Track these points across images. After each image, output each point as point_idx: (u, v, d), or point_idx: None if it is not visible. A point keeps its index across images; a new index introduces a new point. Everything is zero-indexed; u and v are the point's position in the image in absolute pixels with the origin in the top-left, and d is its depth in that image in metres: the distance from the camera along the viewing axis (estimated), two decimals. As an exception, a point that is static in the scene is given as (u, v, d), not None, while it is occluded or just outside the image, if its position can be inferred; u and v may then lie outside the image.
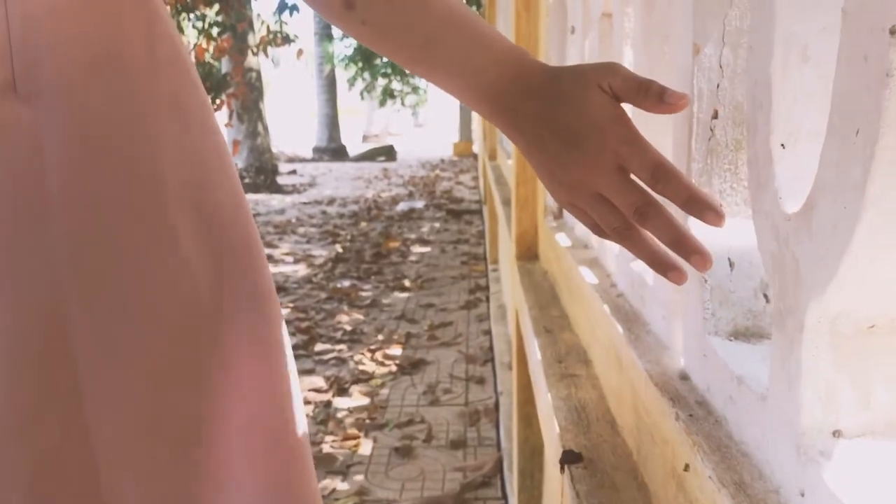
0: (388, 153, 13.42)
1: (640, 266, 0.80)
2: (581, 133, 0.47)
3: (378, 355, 3.02)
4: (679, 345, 0.65)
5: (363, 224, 6.27)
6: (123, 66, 0.45)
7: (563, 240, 1.24)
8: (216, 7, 7.05)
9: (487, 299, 3.81)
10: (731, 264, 0.57)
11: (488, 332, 3.28)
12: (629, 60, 0.86)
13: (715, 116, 0.58)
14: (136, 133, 0.45)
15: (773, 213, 0.42)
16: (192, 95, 0.50)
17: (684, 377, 0.60)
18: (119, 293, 0.44)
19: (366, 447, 2.25)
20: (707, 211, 0.44)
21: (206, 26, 7.35)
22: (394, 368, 2.89)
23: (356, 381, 2.77)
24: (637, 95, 0.47)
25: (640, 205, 0.46)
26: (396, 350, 3.10)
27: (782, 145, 0.42)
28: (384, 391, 2.68)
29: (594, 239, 1.11)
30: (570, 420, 0.76)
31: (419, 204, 7.32)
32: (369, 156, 13.32)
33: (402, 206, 7.18)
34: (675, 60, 0.71)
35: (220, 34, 7.47)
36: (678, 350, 0.65)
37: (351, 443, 2.27)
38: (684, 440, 0.51)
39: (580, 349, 0.97)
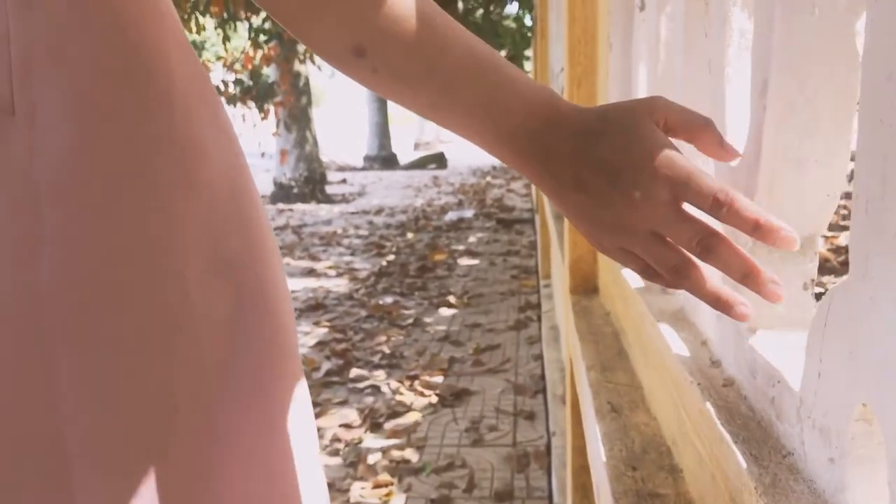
0: (439, 161, 13.20)
1: (763, 344, 0.52)
2: (626, 165, 0.43)
3: (417, 384, 2.76)
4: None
5: (410, 235, 6.03)
6: (134, 93, 0.41)
7: (631, 275, 0.95)
8: (263, 14, 6.93)
9: (539, 318, 3.51)
10: None
11: (539, 358, 2.99)
12: (741, 30, 0.57)
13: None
14: (145, 171, 0.41)
15: None
16: (211, 117, 0.46)
17: None
18: (113, 338, 0.39)
19: (398, 498, 1.98)
20: (779, 235, 0.40)
21: (253, 34, 7.24)
22: (434, 399, 2.62)
23: (392, 415, 2.51)
24: (693, 128, 0.44)
25: (703, 236, 0.42)
26: (438, 377, 2.83)
27: None
28: (422, 427, 2.41)
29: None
30: None
31: (468, 213, 7.04)
32: (420, 164, 13.13)
33: (450, 216, 6.92)
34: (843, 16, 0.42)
35: (266, 42, 7.35)
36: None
37: (382, 491, 2.01)
38: None
39: (662, 446, 0.69)
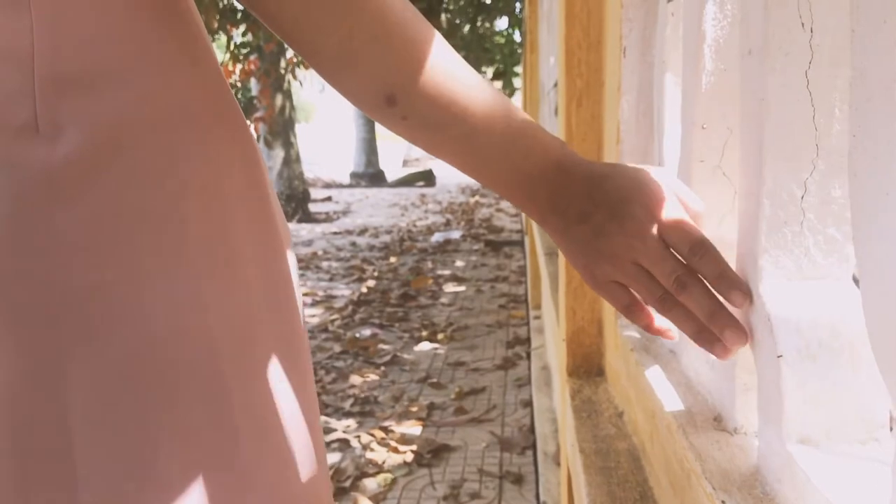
0: (427, 178, 12.92)
1: None
2: (626, 202, 0.47)
3: (391, 437, 2.45)
4: None
5: (392, 259, 5.73)
6: (168, 114, 0.40)
7: (654, 374, 0.66)
8: (242, 27, 6.66)
9: (528, 356, 3.22)
10: None
11: (529, 404, 2.69)
12: None
13: None
14: (168, 206, 0.40)
15: None
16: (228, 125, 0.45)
17: None
18: (127, 349, 0.39)
19: (360, 590, 1.68)
20: (734, 290, 0.44)
21: (233, 47, 6.96)
22: (409, 457, 2.32)
23: (361, 476, 2.20)
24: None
25: (680, 273, 0.46)
26: (415, 428, 2.53)
27: None
28: (394, 492, 2.11)
29: (734, 412, 0.54)
30: None
31: (455, 234, 6.75)
32: (408, 181, 12.85)
33: (436, 238, 6.62)
34: None
35: (246, 56, 7.07)
36: None
37: (342, 579, 1.71)
38: None
39: None
